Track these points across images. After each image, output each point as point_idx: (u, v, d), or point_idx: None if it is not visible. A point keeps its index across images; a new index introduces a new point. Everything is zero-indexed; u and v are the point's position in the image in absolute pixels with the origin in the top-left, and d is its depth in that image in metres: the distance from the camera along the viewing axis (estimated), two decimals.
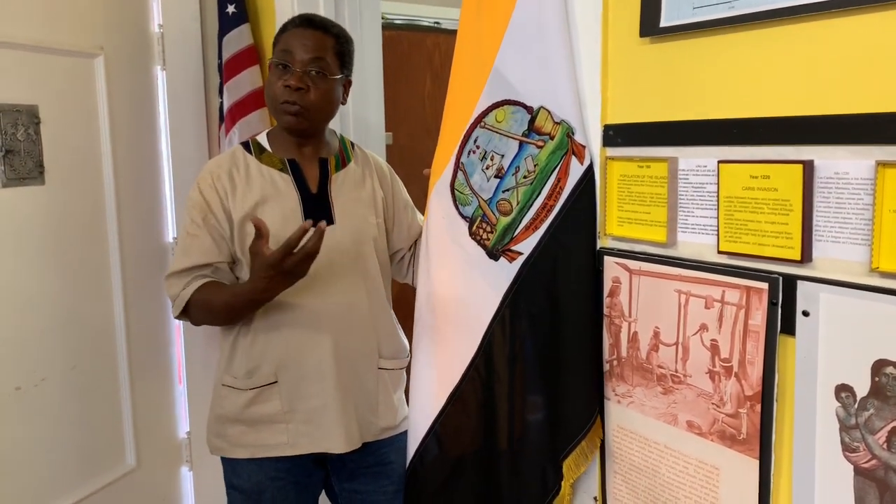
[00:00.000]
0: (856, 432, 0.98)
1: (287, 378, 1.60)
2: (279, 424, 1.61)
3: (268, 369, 1.60)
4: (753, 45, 1.07)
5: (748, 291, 1.08)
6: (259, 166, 1.62)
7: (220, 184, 1.59)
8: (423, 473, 1.58)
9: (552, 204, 1.34)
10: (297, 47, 1.58)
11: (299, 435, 1.61)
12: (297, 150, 1.66)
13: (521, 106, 1.37)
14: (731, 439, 1.13)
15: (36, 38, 1.91)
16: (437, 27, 3.09)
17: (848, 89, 0.97)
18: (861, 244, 0.97)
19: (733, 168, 1.09)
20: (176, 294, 1.58)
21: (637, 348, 1.27)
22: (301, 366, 1.59)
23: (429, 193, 1.56)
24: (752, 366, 1.08)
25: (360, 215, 1.67)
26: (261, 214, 1.56)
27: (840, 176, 0.98)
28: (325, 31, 1.62)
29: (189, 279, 1.57)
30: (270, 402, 1.60)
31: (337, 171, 1.68)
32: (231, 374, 1.62)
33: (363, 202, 1.70)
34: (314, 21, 1.63)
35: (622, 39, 1.26)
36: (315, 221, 1.48)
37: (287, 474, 1.64)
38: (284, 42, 1.60)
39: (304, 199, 1.61)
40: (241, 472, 1.65)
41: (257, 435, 1.61)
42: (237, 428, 1.62)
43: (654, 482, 1.27)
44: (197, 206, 1.59)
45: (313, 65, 1.58)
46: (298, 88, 1.56)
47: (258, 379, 1.60)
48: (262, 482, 1.63)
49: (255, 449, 1.62)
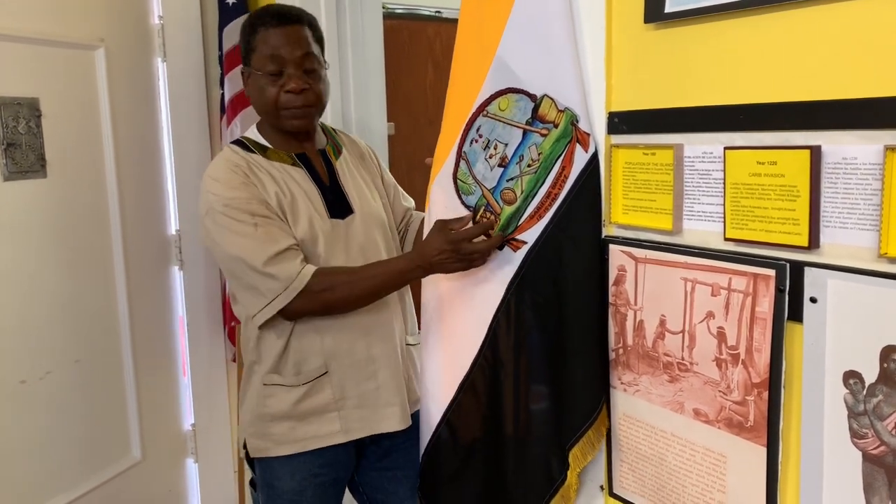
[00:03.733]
0: (864, 419, 0.97)
1: (337, 367, 1.58)
2: (331, 413, 1.59)
3: (316, 362, 1.58)
4: (759, 30, 1.06)
5: (755, 278, 1.07)
6: (270, 164, 1.59)
7: (251, 181, 1.53)
8: (438, 460, 1.58)
9: (557, 192, 1.33)
10: (284, 48, 1.54)
11: (352, 420, 1.60)
12: (299, 144, 1.64)
13: (524, 94, 1.36)
14: (738, 427, 1.12)
15: (36, 30, 1.91)
16: (438, 16, 3.07)
17: (856, 74, 0.96)
18: (869, 230, 0.96)
19: (740, 154, 1.08)
20: (293, 273, 1.46)
21: (643, 336, 1.26)
22: (350, 353, 1.59)
23: (430, 184, 1.55)
24: (759, 353, 1.08)
25: (371, 199, 1.68)
26: (294, 210, 1.54)
27: (848, 161, 0.97)
28: (300, 21, 1.58)
29: (299, 258, 1.49)
30: (322, 394, 1.59)
31: (337, 160, 1.68)
32: (279, 373, 1.59)
33: (368, 185, 1.70)
34: (286, 15, 1.57)
35: (626, 25, 1.25)
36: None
37: (329, 469, 1.63)
38: (265, 45, 1.55)
39: (323, 193, 1.61)
40: (281, 474, 1.61)
41: (307, 427, 1.59)
42: (285, 424, 1.59)
43: (661, 470, 1.27)
44: (251, 200, 1.50)
45: (305, 62, 1.56)
46: (301, 90, 1.55)
47: (308, 374, 1.58)
48: (305, 479, 1.61)
49: (307, 442, 1.59)
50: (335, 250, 1.58)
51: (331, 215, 1.59)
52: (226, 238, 1.50)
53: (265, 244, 1.47)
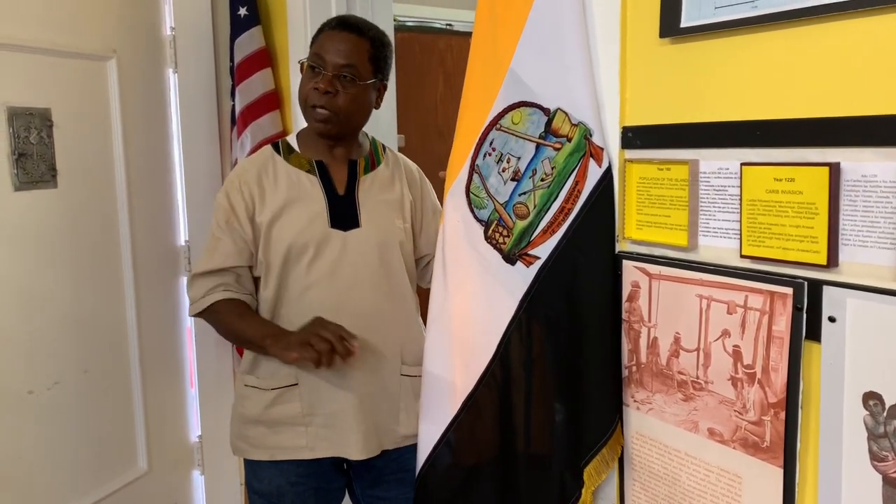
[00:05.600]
0: (885, 441, 0.95)
1: (307, 380, 1.59)
2: (299, 427, 1.60)
3: (288, 370, 1.59)
4: (777, 46, 1.05)
5: (772, 296, 1.06)
6: (287, 167, 1.63)
7: (248, 188, 1.60)
8: (435, 482, 1.55)
9: (570, 207, 1.32)
10: (330, 51, 1.57)
11: (318, 439, 1.60)
12: (327, 151, 1.66)
13: (537, 108, 1.35)
14: (754, 447, 1.10)
15: (48, 41, 1.91)
16: (450, 29, 3.07)
17: (875, 90, 0.95)
18: (890, 248, 0.94)
19: (757, 170, 1.07)
20: (197, 297, 1.61)
21: (657, 354, 1.25)
22: (321, 370, 1.57)
23: (444, 197, 1.54)
24: (775, 372, 1.06)
25: (386, 218, 1.66)
26: (287, 216, 1.58)
27: (868, 179, 0.96)
28: (360, 33, 1.60)
29: (212, 286, 1.61)
30: (291, 404, 1.60)
31: (366, 174, 1.67)
32: (255, 375, 1.62)
33: (391, 205, 1.68)
34: (349, 23, 1.61)
35: (641, 40, 1.24)
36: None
37: (307, 479, 1.63)
38: (319, 44, 1.60)
39: (331, 201, 1.61)
40: (261, 476, 1.64)
41: (277, 437, 1.61)
42: (258, 429, 1.62)
43: (674, 490, 1.25)
44: (222, 209, 1.61)
45: (345, 69, 1.57)
46: (327, 92, 1.56)
47: (279, 379, 1.60)
48: (282, 486, 1.62)
49: (275, 451, 1.61)
50: (322, 261, 1.59)
51: (332, 225, 1.60)
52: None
53: (206, 255, 1.63)
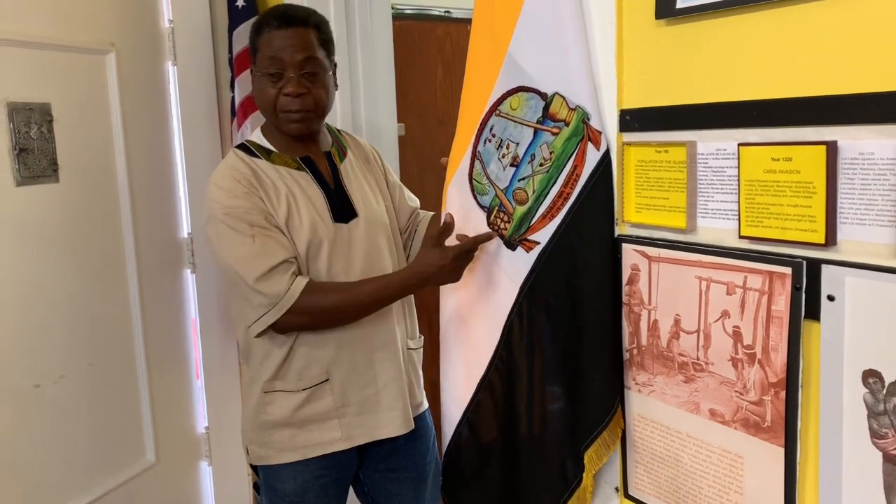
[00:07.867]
0: (884, 418, 0.96)
1: (338, 373, 1.58)
2: (331, 421, 1.59)
3: (318, 369, 1.58)
4: (772, 25, 1.05)
5: (771, 276, 1.06)
6: (274, 168, 1.58)
7: (255, 191, 1.53)
8: (459, 459, 1.58)
9: (569, 191, 1.32)
10: (285, 50, 1.52)
11: (352, 427, 1.60)
12: (303, 147, 1.63)
13: (535, 92, 1.35)
14: (755, 427, 1.11)
15: (47, 35, 1.91)
16: (448, 16, 3.06)
17: (871, 67, 0.95)
18: (887, 226, 0.94)
19: (754, 151, 1.07)
20: (281, 293, 1.47)
21: (657, 336, 1.25)
22: (351, 360, 1.58)
23: (446, 184, 1.54)
24: (775, 352, 1.06)
25: (374, 203, 1.67)
26: (296, 216, 1.54)
27: (865, 157, 0.96)
28: (305, 23, 1.55)
29: (288, 275, 1.48)
30: (323, 400, 1.59)
31: (342, 163, 1.67)
32: (280, 379, 1.59)
33: (372, 189, 1.69)
34: (291, 16, 1.55)
35: (637, 22, 1.24)
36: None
37: (330, 471, 1.63)
38: (267, 47, 1.54)
39: (328, 195, 1.60)
40: (284, 476, 1.61)
41: (308, 435, 1.59)
42: (285, 432, 1.59)
43: (677, 471, 1.25)
44: (251, 211, 1.50)
45: (306, 65, 1.54)
46: (299, 94, 1.53)
47: (310, 379, 1.58)
48: (307, 482, 1.61)
49: (306, 450, 1.59)
50: (338, 255, 1.57)
51: (335, 219, 1.58)
52: (224, 247, 1.51)
53: (259, 258, 1.47)
